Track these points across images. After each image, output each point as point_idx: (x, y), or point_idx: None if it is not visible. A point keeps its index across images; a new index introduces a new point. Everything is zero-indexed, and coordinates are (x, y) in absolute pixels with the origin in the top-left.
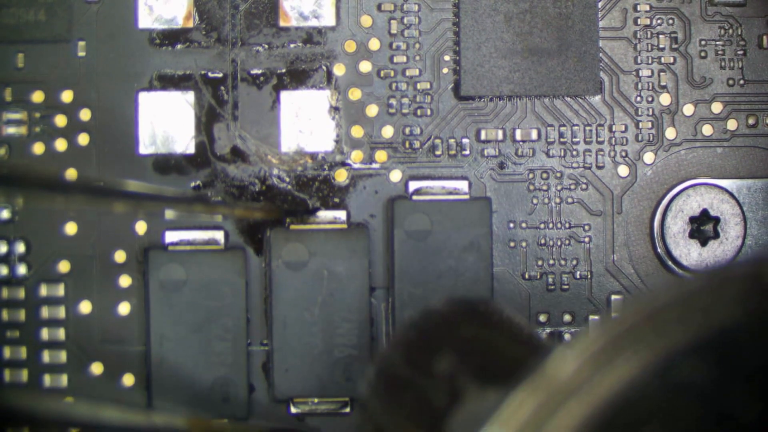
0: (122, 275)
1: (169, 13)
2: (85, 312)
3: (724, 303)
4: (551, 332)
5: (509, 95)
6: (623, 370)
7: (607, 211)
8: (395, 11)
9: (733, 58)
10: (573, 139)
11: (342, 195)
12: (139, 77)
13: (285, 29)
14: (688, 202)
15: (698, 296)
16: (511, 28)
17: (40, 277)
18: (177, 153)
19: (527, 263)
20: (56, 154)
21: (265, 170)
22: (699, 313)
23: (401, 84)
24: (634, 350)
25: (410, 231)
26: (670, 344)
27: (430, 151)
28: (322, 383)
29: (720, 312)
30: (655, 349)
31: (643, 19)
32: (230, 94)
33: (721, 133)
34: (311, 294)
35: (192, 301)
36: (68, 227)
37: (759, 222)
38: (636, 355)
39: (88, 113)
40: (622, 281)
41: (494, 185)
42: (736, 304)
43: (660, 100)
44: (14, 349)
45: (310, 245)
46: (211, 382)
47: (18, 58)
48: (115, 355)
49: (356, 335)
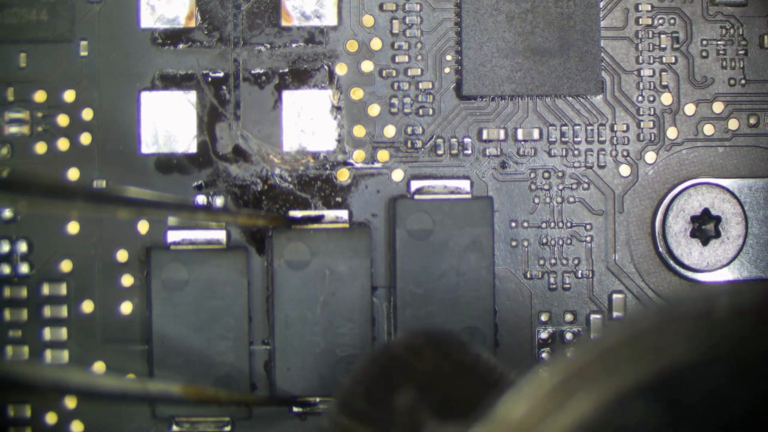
0: (124, 275)
1: (171, 13)
2: (88, 311)
3: (674, 341)
4: (553, 331)
5: (511, 95)
6: (574, 411)
7: (609, 210)
8: (397, 11)
9: (734, 58)
10: (574, 139)
11: (344, 194)
12: (141, 77)
13: (287, 29)
14: (689, 201)
15: (649, 335)
16: (513, 27)
17: (43, 276)
18: (179, 152)
19: (529, 262)
20: (58, 153)
21: (267, 170)
22: (649, 351)
23: (403, 83)
24: (585, 391)
25: (412, 230)
26: (621, 384)
27: (431, 150)
28: (324, 382)
29: (670, 351)
30: (605, 390)
31: (644, 19)
32: (232, 93)
33: (722, 132)
34: (313, 293)
35: (194, 300)
36: (70, 227)
37: (760, 221)
38: (587, 396)
39: (90, 113)
40: (623, 280)
41: (496, 185)
42: (687, 342)
43: (661, 100)
44: (17, 348)
45: (312, 245)
46: (213, 381)
47: (20, 57)
48: (118, 354)
49: (358, 335)
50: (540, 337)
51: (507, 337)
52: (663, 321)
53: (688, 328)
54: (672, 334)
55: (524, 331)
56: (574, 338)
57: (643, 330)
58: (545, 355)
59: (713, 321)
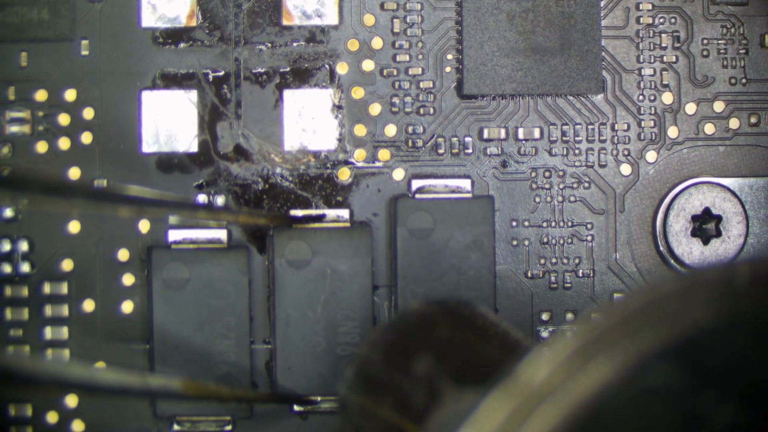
0: (125, 274)
1: (173, 12)
2: (88, 310)
3: (696, 306)
4: (554, 331)
5: (512, 94)
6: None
7: (610, 209)
8: (398, 10)
9: (735, 57)
10: (575, 138)
11: (345, 194)
12: (142, 76)
13: (288, 28)
14: (690, 200)
15: (670, 299)
16: (514, 26)
17: (44, 275)
18: (180, 152)
19: (530, 262)
20: (59, 152)
21: (268, 169)
22: (671, 316)
23: (404, 82)
24: (607, 354)
25: (413, 229)
26: (642, 348)
27: (432, 149)
28: (325, 382)
29: (692, 315)
30: (627, 353)
31: (645, 18)
32: (233, 92)
33: (723, 131)
34: (314, 292)
35: (195, 299)
36: (71, 226)
37: (761, 220)
38: (608, 359)
39: (91, 112)
40: (624, 280)
41: (497, 184)
42: (708, 307)
43: (662, 99)
44: (17, 347)
45: (313, 244)
46: (214, 380)
47: (21, 56)
48: (119, 353)
49: (359, 334)
50: (541, 336)
51: None
52: (685, 287)
53: (710, 294)
54: (694, 299)
55: (525, 331)
56: None
57: (665, 295)
58: None
59: (734, 287)
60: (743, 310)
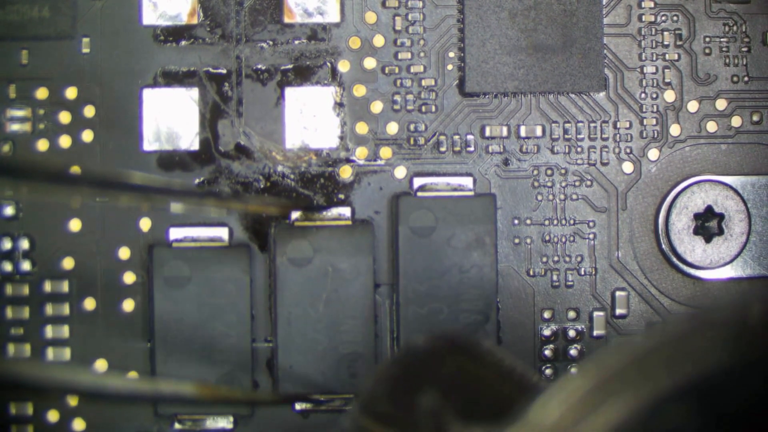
0: (126, 272)
1: (174, 10)
2: (89, 309)
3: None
4: (555, 329)
5: (514, 92)
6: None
7: (612, 207)
8: (400, 8)
9: (737, 55)
10: (577, 136)
11: (346, 191)
12: (143, 74)
13: (289, 26)
14: (692, 198)
15: (684, 340)
16: (516, 24)
17: (45, 273)
18: (181, 149)
19: (532, 260)
20: (60, 150)
21: (270, 167)
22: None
23: (406, 80)
24: (620, 396)
25: (415, 227)
26: (657, 390)
27: (434, 147)
28: (327, 380)
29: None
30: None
31: (647, 16)
32: (234, 90)
33: (725, 129)
34: (315, 291)
35: (196, 297)
36: (72, 224)
37: (763, 218)
38: (621, 401)
39: (92, 110)
40: (626, 278)
41: (499, 182)
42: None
43: (664, 97)
44: (18, 346)
45: (315, 242)
46: (215, 378)
47: (22, 54)
48: (120, 351)
49: (360, 332)
50: (543, 335)
51: (510, 334)
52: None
53: (724, 334)
54: (707, 339)
55: (527, 329)
56: (577, 335)
57: (678, 335)
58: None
59: (748, 327)
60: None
